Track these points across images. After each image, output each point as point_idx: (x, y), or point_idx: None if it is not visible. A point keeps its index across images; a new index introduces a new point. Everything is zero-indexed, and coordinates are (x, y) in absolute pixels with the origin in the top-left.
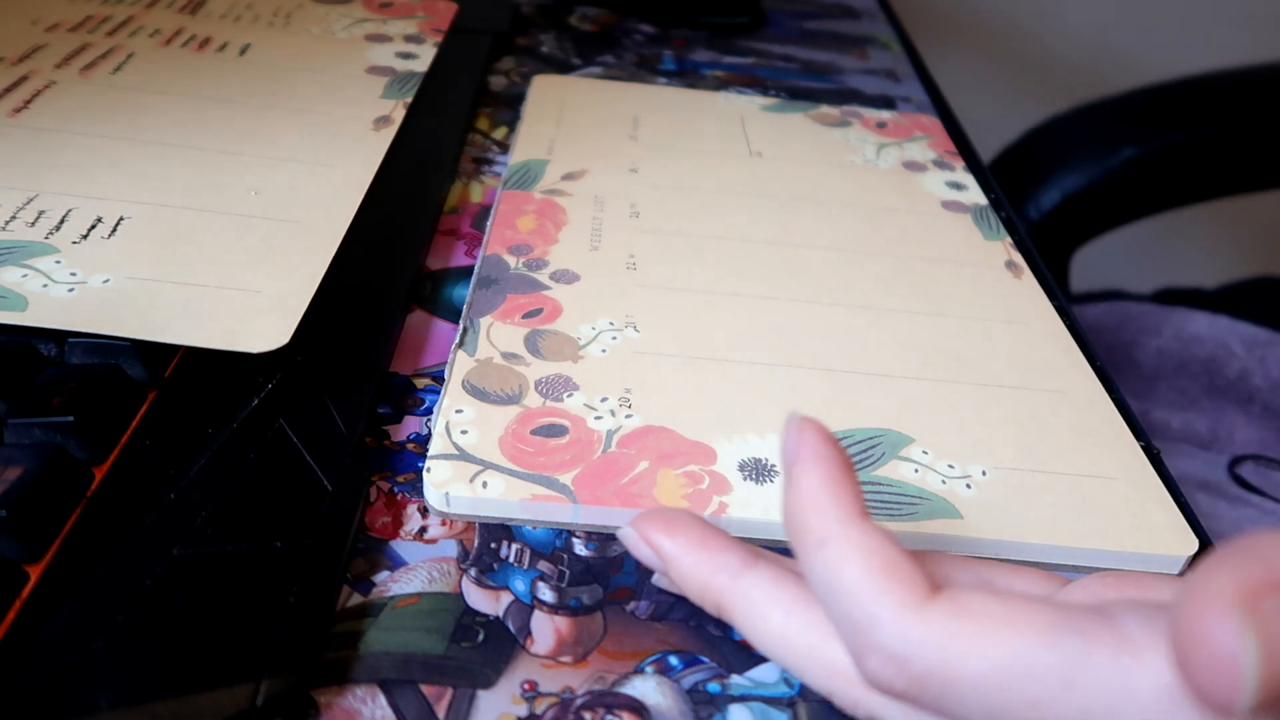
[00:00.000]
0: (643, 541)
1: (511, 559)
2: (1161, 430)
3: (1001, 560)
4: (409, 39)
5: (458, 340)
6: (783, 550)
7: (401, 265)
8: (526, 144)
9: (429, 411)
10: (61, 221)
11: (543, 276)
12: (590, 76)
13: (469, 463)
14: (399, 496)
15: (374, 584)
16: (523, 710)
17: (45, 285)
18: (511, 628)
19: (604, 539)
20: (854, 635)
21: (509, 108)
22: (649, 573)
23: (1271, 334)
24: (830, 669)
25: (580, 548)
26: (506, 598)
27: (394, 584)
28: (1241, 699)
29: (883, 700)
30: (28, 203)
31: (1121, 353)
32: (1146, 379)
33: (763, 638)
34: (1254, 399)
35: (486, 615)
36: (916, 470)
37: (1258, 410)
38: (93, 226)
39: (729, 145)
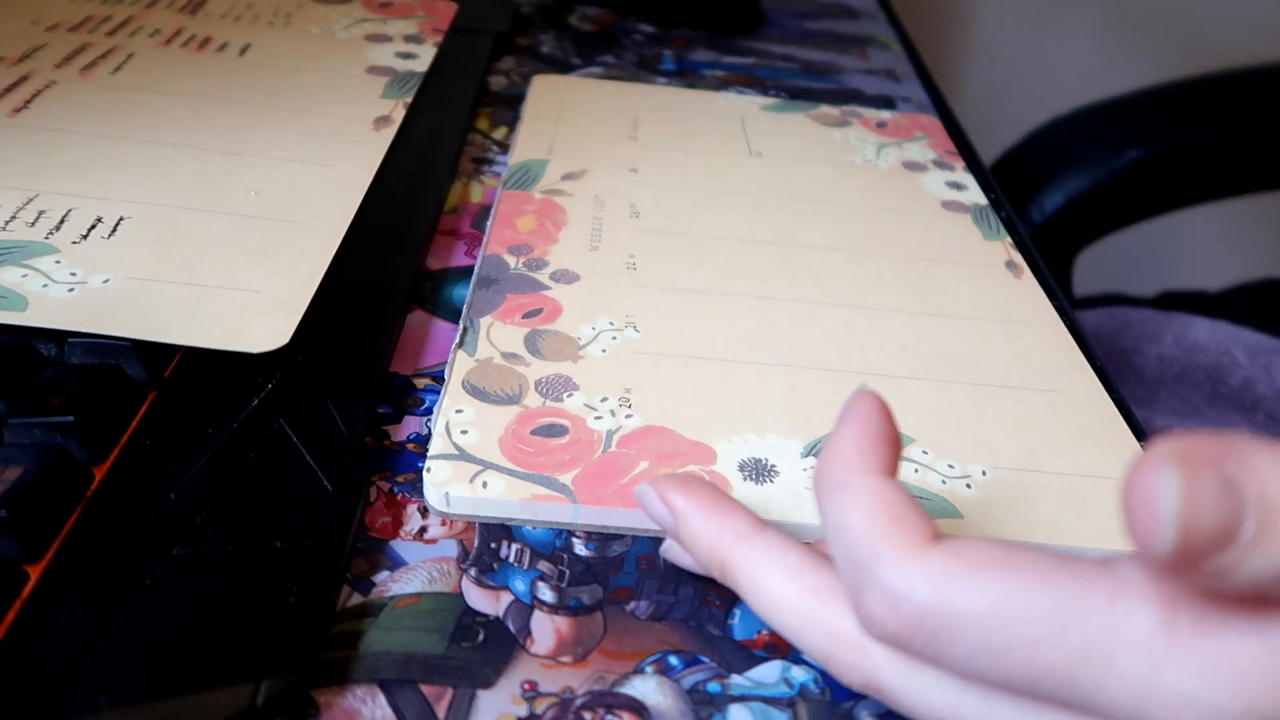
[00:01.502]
0: (658, 499)
1: (511, 559)
2: None
3: None
4: (409, 39)
5: (458, 340)
6: None
7: (401, 265)
8: (526, 144)
9: (429, 411)
10: (61, 221)
11: (543, 276)
12: (590, 76)
13: (469, 463)
14: (399, 496)
15: (374, 584)
16: (523, 710)
17: (45, 285)
18: (511, 628)
19: (604, 539)
20: (855, 573)
21: (509, 108)
22: (649, 573)
23: (1275, 341)
24: (828, 633)
25: (580, 548)
26: (506, 598)
27: (394, 584)
28: (1161, 543)
29: (879, 662)
30: (28, 203)
31: (1122, 359)
32: (1148, 386)
33: (763, 601)
34: (1258, 407)
35: (486, 615)
36: (916, 470)
37: (1261, 419)
38: (93, 226)
39: (729, 145)
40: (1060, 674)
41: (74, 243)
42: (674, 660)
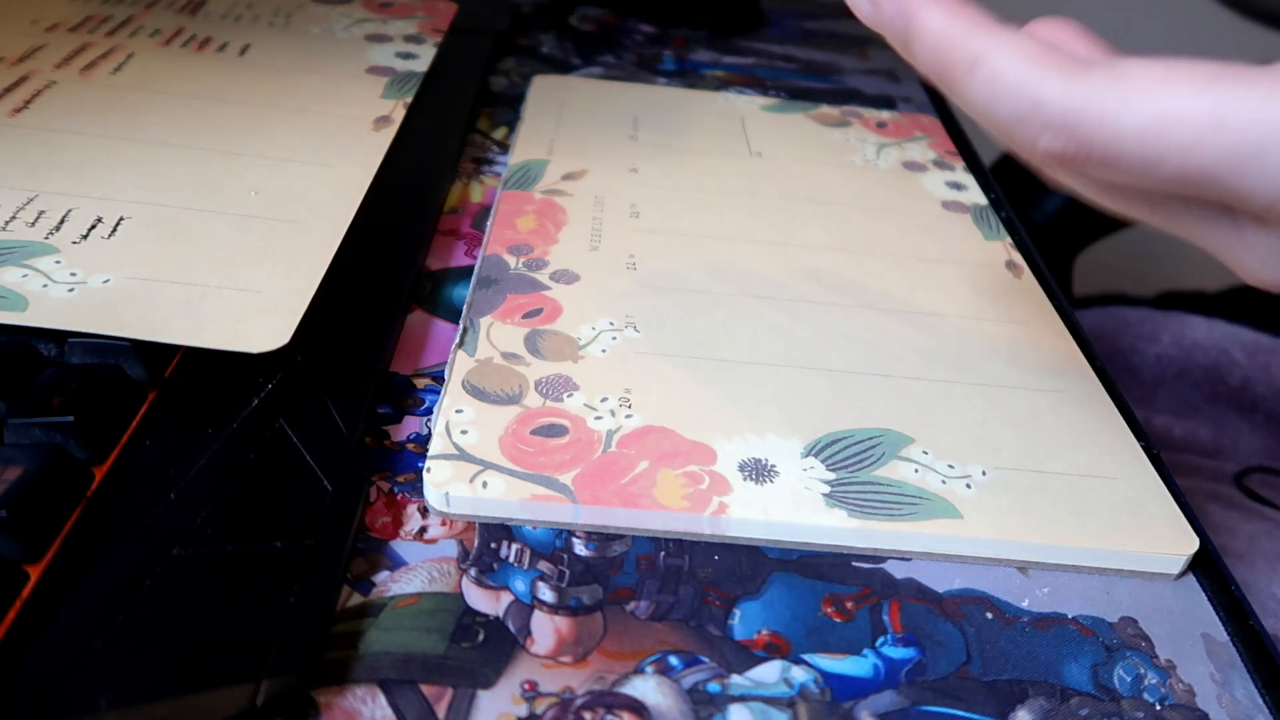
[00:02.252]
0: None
1: (511, 559)
2: (1164, 439)
3: (1004, 562)
4: (409, 39)
5: (458, 340)
6: (788, 555)
7: (401, 265)
8: (526, 144)
9: (429, 411)
10: (61, 221)
11: (543, 276)
12: (590, 76)
13: (469, 463)
14: (399, 496)
15: (374, 584)
16: (523, 710)
17: (45, 285)
18: (511, 628)
19: (604, 539)
20: (1022, 125)
21: (509, 108)
22: (649, 573)
23: (1273, 340)
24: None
25: (580, 548)
26: (506, 598)
27: (394, 584)
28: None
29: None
30: (28, 203)
31: (1120, 359)
32: (1146, 386)
33: (1003, 89)
34: (1257, 407)
35: (486, 615)
36: (916, 470)
37: (1261, 419)
38: (93, 226)
39: (729, 145)
40: (1211, 170)
41: (74, 243)
42: (674, 660)
